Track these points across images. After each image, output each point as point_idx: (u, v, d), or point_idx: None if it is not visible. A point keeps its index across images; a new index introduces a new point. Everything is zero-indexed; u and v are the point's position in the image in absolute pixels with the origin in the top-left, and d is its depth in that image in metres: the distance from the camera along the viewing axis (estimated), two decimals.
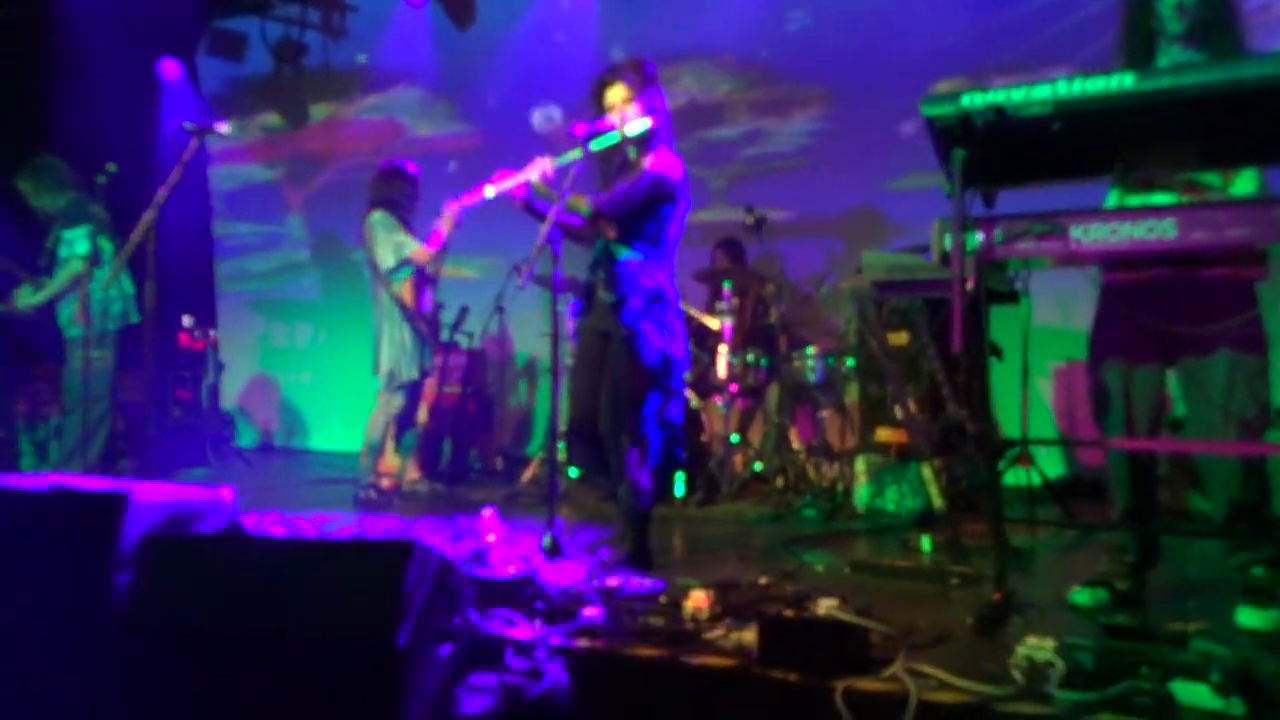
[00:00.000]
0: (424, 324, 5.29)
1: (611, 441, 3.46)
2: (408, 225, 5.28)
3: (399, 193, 5.32)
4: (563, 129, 3.38)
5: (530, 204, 3.46)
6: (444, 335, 6.17)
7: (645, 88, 3.50)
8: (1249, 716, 1.93)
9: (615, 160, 3.62)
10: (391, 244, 5.15)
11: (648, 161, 3.48)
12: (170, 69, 8.38)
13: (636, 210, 3.45)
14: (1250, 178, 2.83)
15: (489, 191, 3.43)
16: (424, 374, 5.36)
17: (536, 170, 3.39)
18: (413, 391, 5.30)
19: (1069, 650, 2.12)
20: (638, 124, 3.45)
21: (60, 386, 5.49)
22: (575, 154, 3.38)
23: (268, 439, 8.97)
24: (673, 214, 3.52)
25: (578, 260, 3.68)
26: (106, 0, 7.56)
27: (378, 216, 5.21)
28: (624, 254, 3.48)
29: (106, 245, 5.14)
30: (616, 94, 3.51)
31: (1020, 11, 6.30)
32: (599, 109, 3.55)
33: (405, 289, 5.21)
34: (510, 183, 3.41)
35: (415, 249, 5.16)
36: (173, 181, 4.04)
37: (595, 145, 3.40)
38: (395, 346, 5.19)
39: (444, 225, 5.02)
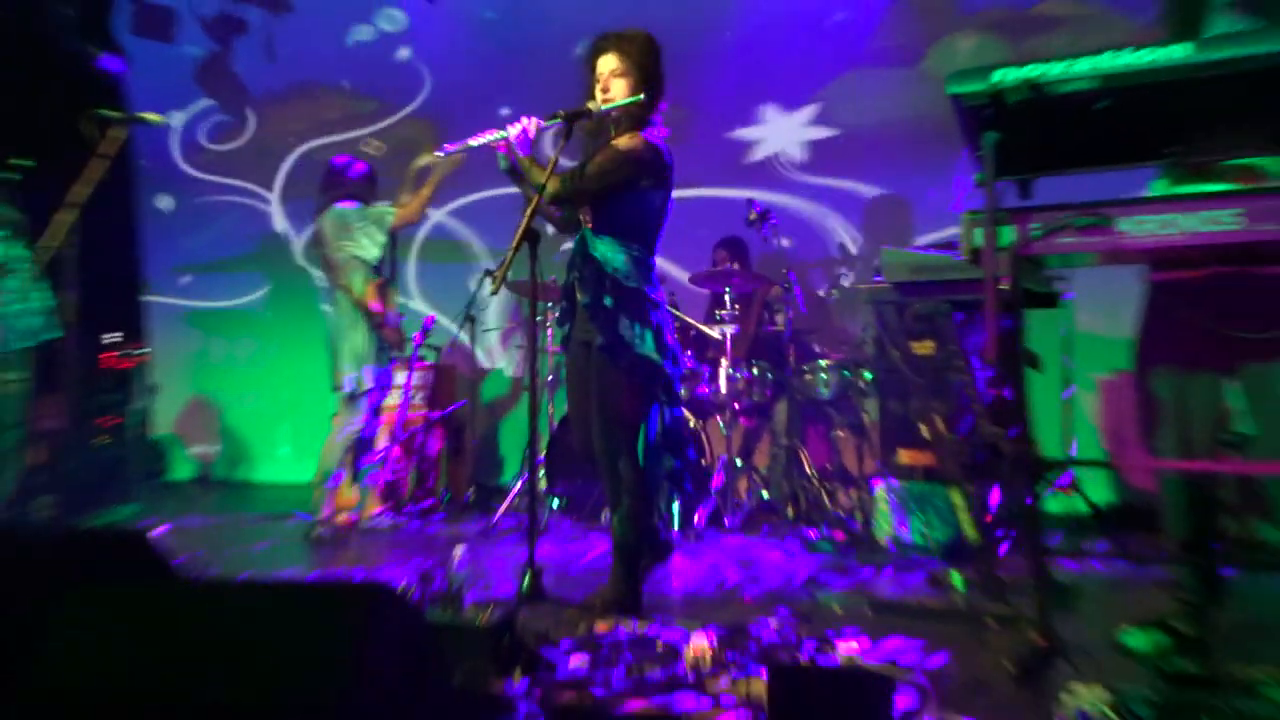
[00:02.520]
0: (390, 332, 5.37)
1: (604, 463, 3.49)
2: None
3: (357, 189, 5.44)
4: None
5: (513, 167, 3.53)
6: (407, 349, 6.15)
7: (641, 61, 3.52)
8: None
9: (602, 138, 3.64)
10: (370, 225, 5.29)
11: (622, 141, 3.51)
12: (113, 63, 8.38)
13: (604, 192, 3.49)
14: None
15: (472, 142, 3.53)
16: (385, 388, 5.39)
17: (517, 129, 3.49)
18: (373, 408, 5.32)
19: (1124, 700, 2.11)
20: (619, 100, 3.49)
21: None
22: (557, 121, 3.47)
23: (206, 470, 8.92)
24: (647, 200, 3.54)
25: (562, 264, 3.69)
26: None
27: (340, 210, 5.33)
28: (600, 249, 3.50)
29: (17, 252, 5.11)
30: (606, 64, 3.54)
31: None
32: (589, 78, 3.59)
33: (369, 292, 5.30)
34: (491, 137, 3.50)
35: (396, 211, 5.32)
36: (93, 178, 4.02)
37: (568, 117, 3.48)
38: (355, 356, 5.25)
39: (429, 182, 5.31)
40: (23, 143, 4.69)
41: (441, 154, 3.64)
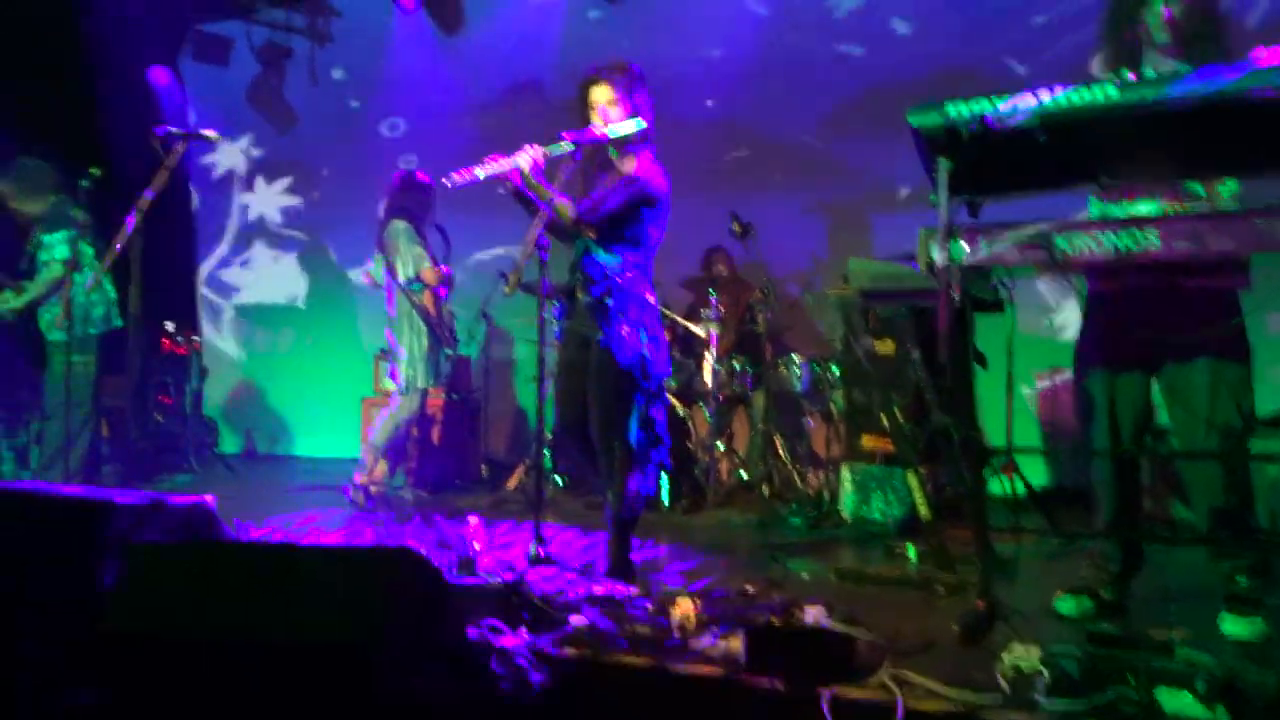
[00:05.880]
0: (446, 332, 5.48)
1: (601, 446, 3.48)
2: (424, 237, 5.46)
3: (416, 202, 5.47)
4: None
5: (521, 192, 3.44)
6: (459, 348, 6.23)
7: (631, 89, 3.50)
8: None
9: (597, 160, 3.62)
10: (412, 256, 5.33)
11: (629, 165, 3.49)
12: (160, 75, 8.36)
13: (616, 216, 3.46)
14: (1234, 183, 2.85)
15: (480, 172, 3.40)
16: (436, 379, 5.50)
17: (527, 158, 3.36)
18: (424, 399, 5.39)
19: (1054, 658, 2.13)
20: (623, 125, 3.44)
21: (41, 392, 5.44)
22: (565, 147, 3.38)
23: (251, 445, 8.91)
24: (653, 218, 3.52)
25: (566, 266, 3.68)
26: (90, 3, 7.55)
27: (402, 226, 5.37)
28: (603, 256, 3.49)
29: (88, 250, 5.10)
30: (601, 94, 3.50)
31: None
32: (584, 109, 3.56)
33: (426, 296, 5.39)
34: (501, 166, 3.37)
35: (427, 268, 5.32)
36: (157, 186, 4.02)
37: (578, 140, 3.40)
38: (415, 354, 5.34)
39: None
40: (94, 153, 4.68)
41: (449, 183, 3.53)
